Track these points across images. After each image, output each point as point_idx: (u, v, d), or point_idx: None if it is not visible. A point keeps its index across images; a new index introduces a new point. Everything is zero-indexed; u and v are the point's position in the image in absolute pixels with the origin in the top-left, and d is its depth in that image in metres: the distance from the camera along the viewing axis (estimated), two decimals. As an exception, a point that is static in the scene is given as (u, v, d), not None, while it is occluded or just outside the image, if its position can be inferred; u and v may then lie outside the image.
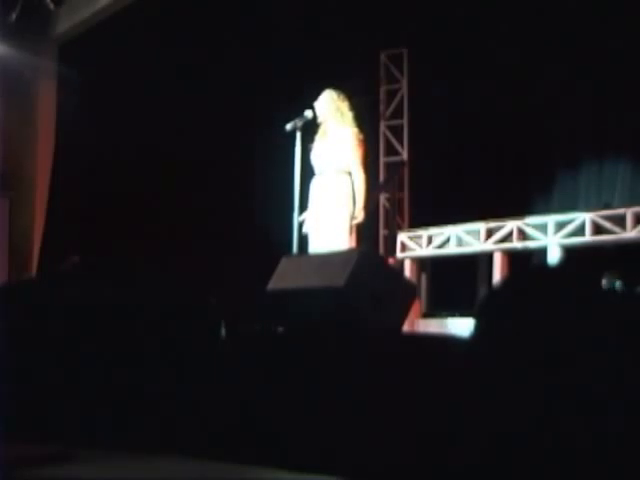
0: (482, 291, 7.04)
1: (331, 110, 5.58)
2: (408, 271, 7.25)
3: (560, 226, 6.32)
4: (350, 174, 5.51)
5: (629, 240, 5.96)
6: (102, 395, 2.36)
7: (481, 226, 6.79)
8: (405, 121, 8.53)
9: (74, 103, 7.29)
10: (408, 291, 4.60)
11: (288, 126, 5.41)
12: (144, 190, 7.50)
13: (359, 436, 1.97)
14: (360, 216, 5.53)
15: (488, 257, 6.80)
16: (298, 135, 5.39)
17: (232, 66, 7.73)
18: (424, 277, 7.47)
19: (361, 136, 5.58)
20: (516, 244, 6.57)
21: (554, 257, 6.19)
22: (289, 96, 6.65)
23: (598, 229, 6.12)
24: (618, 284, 1.75)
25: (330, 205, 5.49)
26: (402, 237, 7.50)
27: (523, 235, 6.55)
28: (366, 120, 6.23)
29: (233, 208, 7.78)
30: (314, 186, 5.62)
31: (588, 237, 6.13)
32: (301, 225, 5.49)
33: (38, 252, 7.64)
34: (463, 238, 6.92)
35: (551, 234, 6.35)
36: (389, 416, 1.93)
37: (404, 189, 8.40)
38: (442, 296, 7.26)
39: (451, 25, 7.66)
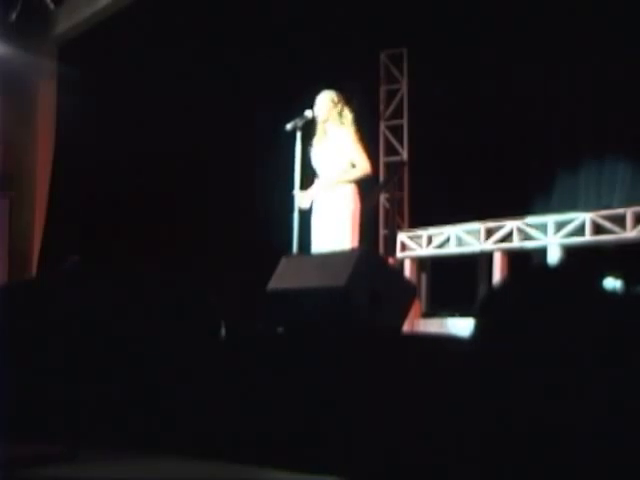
0: (482, 291, 7.04)
1: (329, 111, 5.57)
2: (408, 271, 7.25)
3: (560, 226, 6.32)
4: (353, 167, 5.49)
5: (629, 240, 5.96)
6: (102, 395, 2.36)
7: (481, 226, 6.79)
8: (405, 121, 8.52)
9: (74, 103, 7.28)
10: (408, 291, 4.60)
11: (288, 126, 5.41)
12: (144, 190, 7.49)
13: (359, 436, 1.97)
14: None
15: (488, 257, 6.79)
16: (298, 135, 5.39)
17: (232, 66, 7.73)
18: (424, 277, 7.46)
19: (358, 134, 5.57)
20: (516, 244, 6.57)
21: (554, 257, 6.19)
22: (289, 96, 6.65)
23: (598, 229, 6.12)
24: (618, 284, 1.75)
25: (332, 206, 5.49)
26: (402, 237, 7.50)
27: (523, 235, 6.55)
28: (366, 120, 6.23)
29: (233, 208, 7.77)
30: (317, 188, 5.63)
31: (588, 237, 6.13)
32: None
33: (38, 252, 7.64)
34: (463, 238, 6.92)
35: (551, 234, 6.35)
36: (389, 416, 1.93)
37: (404, 189, 8.39)
38: (442, 296, 7.26)
39: (451, 25, 7.65)
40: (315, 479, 1.98)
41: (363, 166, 5.49)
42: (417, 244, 7.30)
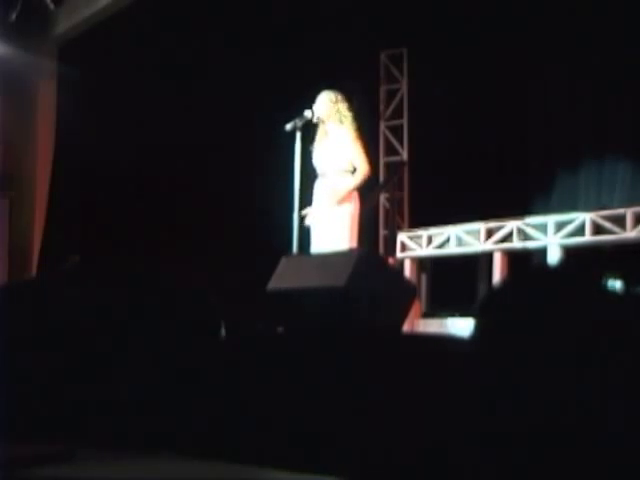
0: (482, 291, 7.04)
1: (330, 111, 5.58)
2: (408, 271, 7.25)
3: (560, 226, 6.32)
4: (353, 173, 5.51)
5: (629, 240, 5.96)
6: (102, 395, 2.36)
7: (481, 226, 6.79)
8: (405, 121, 8.53)
9: (74, 103, 7.28)
10: (408, 291, 4.60)
11: (288, 126, 5.42)
12: (144, 190, 7.50)
13: (359, 436, 1.97)
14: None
15: (488, 257, 6.80)
16: (298, 135, 5.40)
17: (232, 66, 7.73)
18: (424, 277, 7.47)
19: (358, 134, 5.58)
20: (516, 244, 6.57)
21: (554, 257, 6.19)
22: (289, 96, 6.65)
23: (598, 229, 6.13)
24: (618, 284, 1.75)
25: (332, 206, 5.49)
26: (402, 237, 7.50)
27: (523, 235, 6.55)
28: (366, 120, 6.23)
29: (233, 208, 7.77)
30: (317, 187, 5.64)
31: (588, 237, 6.13)
32: (303, 219, 5.48)
33: (38, 252, 7.64)
34: (463, 238, 6.92)
35: (551, 234, 6.35)
36: (389, 416, 1.93)
37: (404, 189, 8.40)
38: (442, 296, 7.26)
39: (451, 25, 7.66)
40: (315, 479, 1.98)
41: (362, 169, 5.50)
42: (417, 244, 7.30)
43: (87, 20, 7.61)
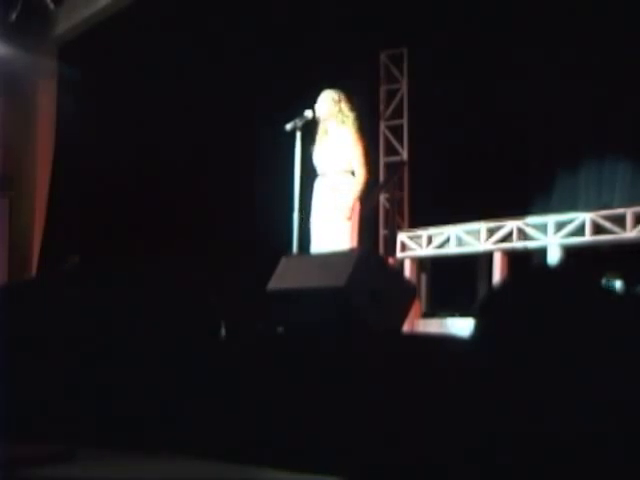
0: (482, 291, 7.04)
1: (331, 110, 5.58)
2: (408, 271, 7.25)
3: (560, 226, 6.32)
4: (353, 173, 5.53)
5: (629, 240, 5.96)
6: (102, 395, 2.36)
7: (481, 226, 6.79)
8: (405, 121, 8.52)
9: (74, 103, 7.28)
10: (408, 291, 4.59)
11: (288, 126, 5.42)
12: (144, 190, 7.49)
13: (359, 436, 1.97)
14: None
15: (488, 257, 6.79)
16: (298, 135, 5.40)
17: (232, 66, 7.74)
18: (424, 277, 7.46)
19: (359, 134, 5.59)
20: (516, 244, 6.56)
21: (554, 257, 6.19)
22: (289, 96, 6.65)
23: (598, 229, 6.12)
24: (618, 284, 1.75)
25: (332, 205, 5.50)
26: (402, 237, 7.50)
27: (523, 235, 6.54)
28: (366, 120, 6.23)
29: (233, 208, 7.78)
30: (317, 187, 5.64)
31: (588, 237, 6.13)
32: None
33: (38, 252, 7.64)
34: (463, 238, 6.92)
35: (551, 234, 6.35)
36: (389, 416, 1.93)
37: (404, 189, 8.39)
38: (442, 296, 7.26)
39: (451, 25, 7.66)
40: (315, 479, 1.98)
41: (361, 175, 5.52)
42: (417, 244, 7.29)
43: (87, 20, 7.61)
